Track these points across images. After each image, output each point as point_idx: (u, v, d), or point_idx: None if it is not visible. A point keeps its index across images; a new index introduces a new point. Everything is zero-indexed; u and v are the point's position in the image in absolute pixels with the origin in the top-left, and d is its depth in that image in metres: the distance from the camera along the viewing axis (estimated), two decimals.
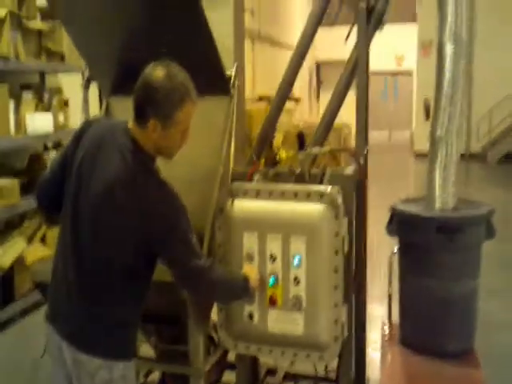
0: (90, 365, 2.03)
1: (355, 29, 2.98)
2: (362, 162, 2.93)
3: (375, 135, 20.55)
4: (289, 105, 12.80)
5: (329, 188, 2.32)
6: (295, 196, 2.33)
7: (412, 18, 16.64)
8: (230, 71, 2.74)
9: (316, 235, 2.30)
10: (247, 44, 13.47)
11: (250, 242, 2.37)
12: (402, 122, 19.54)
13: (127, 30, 2.66)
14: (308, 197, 2.32)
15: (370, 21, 2.96)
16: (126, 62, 2.77)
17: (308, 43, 3.11)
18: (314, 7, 3.12)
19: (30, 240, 5.16)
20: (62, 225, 2.16)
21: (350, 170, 2.65)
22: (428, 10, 15.34)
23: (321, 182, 2.52)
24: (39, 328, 2.74)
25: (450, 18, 2.87)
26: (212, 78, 2.69)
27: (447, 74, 2.90)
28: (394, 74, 20.50)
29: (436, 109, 2.95)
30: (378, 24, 2.99)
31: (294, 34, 2.86)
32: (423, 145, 15.15)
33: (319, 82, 22.98)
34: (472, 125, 15.26)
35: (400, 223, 2.96)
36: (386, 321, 3.25)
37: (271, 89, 12.56)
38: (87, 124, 2.22)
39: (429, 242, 2.85)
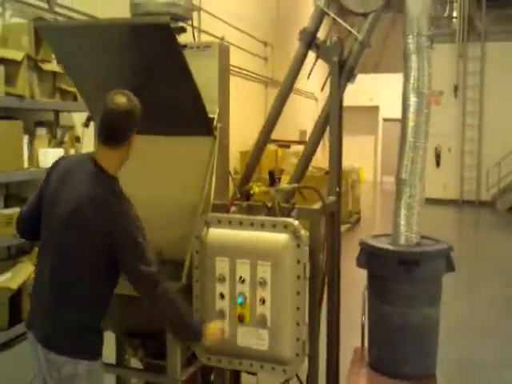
0: (58, 361, 2.37)
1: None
2: (334, 199, 3.27)
3: (387, 180, 20.80)
4: (299, 147, 13.18)
5: (292, 220, 2.63)
6: (262, 226, 2.64)
7: None
8: (214, 115, 3.10)
9: (280, 261, 2.61)
10: (261, 89, 14.03)
11: (221, 265, 2.68)
12: None
13: (121, 78, 3.03)
14: (274, 227, 2.63)
15: (342, 73, 3.32)
16: None
17: (287, 94, 3.48)
18: (293, 60, 3.49)
19: None
20: (40, 246, 2.54)
21: (317, 205, 2.97)
22: (436, 62, 15.83)
23: (289, 215, 2.84)
24: None
25: (413, 73, 3.22)
26: (197, 121, 3.05)
27: (410, 123, 3.24)
28: None
29: (400, 154, 3.28)
30: (350, 76, 3.35)
31: (304, 80, 3.20)
32: (434, 192, 15.45)
33: None
34: (482, 174, 15.57)
35: (367, 256, 3.27)
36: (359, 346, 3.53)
37: (281, 132, 13.03)
38: (56, 162, 2.63)
39: (391, 273, 3.15)
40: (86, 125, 3.35)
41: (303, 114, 17.10)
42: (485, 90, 15.65)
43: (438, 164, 16.16)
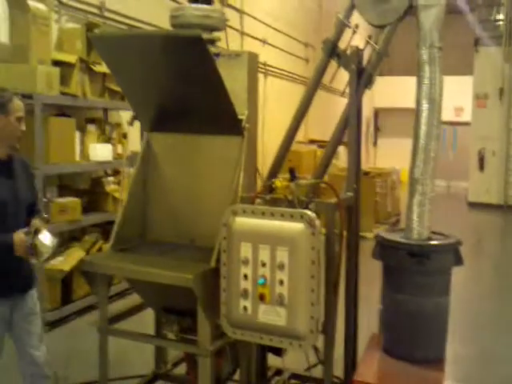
0: None
1: None
2: (352, 194, 3.59)
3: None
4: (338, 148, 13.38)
5: (308, 211, 2.96)
6: (282, 216, 2.97)
7: (471, 71, 16.96)
8: (243, 116, 3.45)
9: (296, 247, 2.93)
10: (301, 90, 14.33)
11: (245, 250, 3.03)
12: (461, 172, 19.46)
13: (162, 83, 3.43)
14: (292, 217, 2.95)
15: (361, 80, 3.63)
16: (161, 108, 3.57)
17: (310, 99, 3.81)
18: (315, 68, 3.81)
19: (87, 252, 5.98)
20: None
21: (332, 200, 3.29)
22: (482, 65, 15.82)
23: (307, 207, 3.17)
24: (90, 327, 3.47)
25: (425, 81, 3.49)
26: (228, 121, 3.42)
27: (423, 127, 3.51)
28: (453, 124, 20.78)
29: (413, 155, 3.55)
30: (368, 83, 3.66)
31: (343, 80, 3.45)
32: (477, 196, 15.32)
33: (377, 129, 23.54)
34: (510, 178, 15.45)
35: (382, 248, 3.56)
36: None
37: (323, 132, 13.30)
38: None
39: (403, 265, 3.43)
40: (131, 123, 3.75)
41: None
42: None
43: (481, 168, 16.04)
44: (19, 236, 3.04)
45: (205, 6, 3.45)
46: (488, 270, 9.49)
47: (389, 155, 20.76)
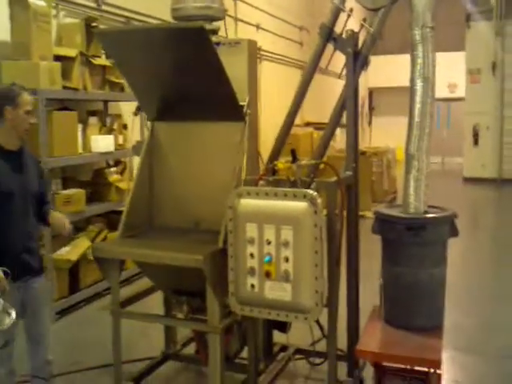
0: None
1: None
2: (351, 173, 3.74)
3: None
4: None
5: (310, 190, 3.11)
6: (285, 196, 3.12)
7: (464, 46, 16.98)
8: (244, 103, 3.59)
9: (300, 225, 3.08)
10: (296, 74, 14.42)
11: (251, 230, 3.18)
12: (455, 148, 19.60)
13: (165, 73, 3.56)
14: (294, 197, 3.10)
15: (357, 62, 3.76)
16: (164, 97, 3.70)
17: (307, 83, 3.94)
18: (312, 52, 3.94)
19: (93, 241, 6.13)
20: None
21: (332, 179, 3.44)
22: (474, 40, 15.89)
23: (309, 187, 3.32)
24: (98, 314, 3.57)
25: (419, 61, 3.62)
26: (229, 108, 3.55)
27: (417, 105, 3.64)
28: (447, 100, 20.88)
29: (409, 132, 3.69)
30: (363, 64, 3.79)
31: (340, 62, 3.51)
32: (472, 171, 15.45)
33: (371, 108, 23.65)
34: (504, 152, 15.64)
35: (381, 223, 3.71)
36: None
37: (319, 115, 13.41)
38: None
39: (401, 238, 3.58)
40: (136, 113, 3.89)
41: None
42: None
43: (476, 142, 16.19)
44: None
45: None
46: (485, 241, 9.71)
47: (384, 134, 20.84)
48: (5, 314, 2.96)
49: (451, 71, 18.24)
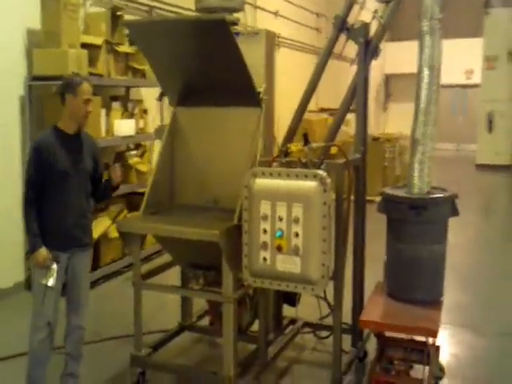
0: None
1: None
2: (359, 155, 3.99)
3: (438, 147, 20.69)
4: (348, 116, 13.69)
5: (320, 171, 3.36)
6: (297, 176, 3.37)
7: (481, 33, 16.98)
8: (261, 89, 3.84)
9: (310, 203, 3.33)
10: (313, 59, 14.58)
11: (264, 207, 3.43)
12: (471, 135, 19.58)
13: (188, 61, 3.82)
14: (305, 177, 3.35)
15: (368, 51, 3.99)
16: (186, 84, 3.97)
17: (321, 71, 4.18)
18: (327, 41, 4.18)
19: (113, 220, 6.43)
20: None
21: (341, 160, 3.69)
22: (492, 27, 15.87)
23: (319, 168, 3.57)
24: (116, 290, 3.73)
25: (427, 50, 3.84)
26: (247, 94, 3.81)
27: (424, 92, 3.87)
28: (464, 87, 20.89)
29: (415, 117, 3.92)
30: (374, 53, 4.02)
31: (354, 48, 3.73)
32: (485, 157, 15.48)
33: (388, 94, 23.70)
34: None
35: (386, 203, 3.96)
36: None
37: (333, 101, 13.60)
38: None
39: (404, 216, 3.83)
40: (160, 99, 4.16)
41: None
42: None
43: (490, 130, 16.22)
44: (43, 252, 3.52)
45: None
46: (495, 225, 9.91)
47: (399, 120, 20.88)
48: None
49: (468, 57, 18.25)
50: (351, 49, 4.26)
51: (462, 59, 17.42)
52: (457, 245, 3.89)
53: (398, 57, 19.88)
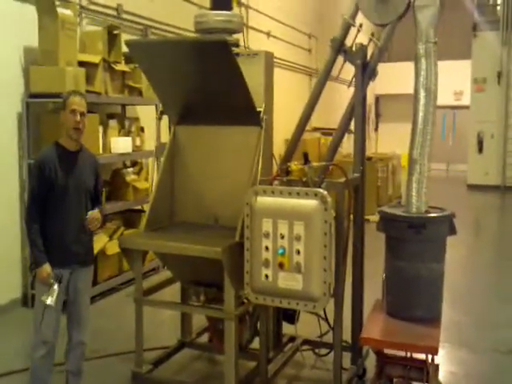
0: None
1: None
2: (359, 175, 4.05)
3: (433, 167, 20.71)
4: None
5: (321, 190, 3.42)
6: (298, 195, 3.43)
7: (470, 55, 17.20)
8: (261, 109, 3.91)
9: (311, 221, 3.39)
10: (304, 80, 14.74)
11: (266, 225, 3.49)
12: (460, 155, 19.64)
13: (188, 81, 3.89)
14: (306, 195, 3.41)
15: (365, 73, 4.08)
16: (187, 103, 4.03)
17: (320, 92, 4.26)
18: (324, 63, 4.27)
19: (110, 237, 6.45)
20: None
21: (341, 180, 3.75)
22: (480, 49, 16.17)
23: (319, 187, 3.63)
24: (114, 306, 3.72)
25: (422, 73, 3.93)
26: (247, 114, 3.87)
27: (420, 114, 3.95)
28: (453, 108, 21.13)
29: (412, 138, 3.99)
30: (371, 75, 4.11)
31: (347, 69, 3.79)
32: (476, 178, 15.67)
33: (378, 115, 23.96)
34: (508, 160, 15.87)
35: (385, 221, 4.02)
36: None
37: (326, 120, 13.74)
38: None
39: (403, 235, 3.89)
40: (159, 117, 4.22)
41: (346, 103, 17.72)
42: None
43: (480, 150, 16.45)
44: (47, 269, 3.55)
45: (225, 12, 3.91)
46: (487, 245, 9.98)
47: (390, 140, 21.16)
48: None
49: (457, 79, 18.51)
50: (344, 69, 4.35)
51: (451, 81, 17.63)
52: (449, 263, 3.94)
53: (388, 78, 20.13)
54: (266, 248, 3.51)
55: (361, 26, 4.14)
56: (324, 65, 4.30)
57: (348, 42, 4.23)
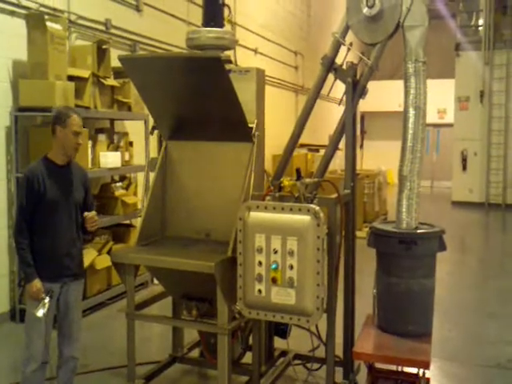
0: None
1: None
2: (349, 191, 4.09)
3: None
4: None
5: (313, 205, 3.45)
6: (291, 210, 3.46)
7: (454, 74, 17.47)
8: (253, 125, 3.94)
9: (304, 237, 3.41)
10: (292, 96, 14.85)
11: (259, 240, 3.50)
12: (444, 172, 20.02)
13: (181, 96, 3.92)
14: (299, 211, 3.44)
15: (356, 91, 4.13)
16: (179, 118, 4.06)
17: (311, 108, 4.31)
18: (315, 80, 4.32)
19: (99, 252, 6.42)
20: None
21: (333, 196, 3.79)
22: (463, 69, 16.44)
23: (311, 202, 3.66)
24: (103, 321, 3.71)
25: (412, 91, 4.00)
26: (239, 130, 3.91)
27: (410, 131, 4.01)
28: (437, 126, 21.42)
29: (402, 155, 4.05)
30: (361, 93, 4.17)
31: (334, 88, 3.88)
32: (460, 195, 15.84)
33: (363, 132, 24.15)
34: (508, 177, 16.02)
35: (375, 237, 4.06)
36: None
37: (312, 137, 13.80)
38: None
39: (394, 251, 3.93)
40: (151, 132, 4.24)
41: (333, 119, 17.87)
42: (511, 96, 16.14)
43: (464, 168, 16.68)
44: (37, 284, 3.54)
45: (217, 29, 3.95)
46: (472, 262, 10.07)
47: (375, 157, 21.31)
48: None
49: (441, 97, 18.76)
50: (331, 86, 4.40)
51: (434, 99, 17.84)
52: (439, 281, 3.98)
53: (373, 95, 20.29)
54: (259, 263, 3.52)
55: (351, 44, 4.21)
56: (315, 82, 4.35)
57: (338, 60, 4.28)
